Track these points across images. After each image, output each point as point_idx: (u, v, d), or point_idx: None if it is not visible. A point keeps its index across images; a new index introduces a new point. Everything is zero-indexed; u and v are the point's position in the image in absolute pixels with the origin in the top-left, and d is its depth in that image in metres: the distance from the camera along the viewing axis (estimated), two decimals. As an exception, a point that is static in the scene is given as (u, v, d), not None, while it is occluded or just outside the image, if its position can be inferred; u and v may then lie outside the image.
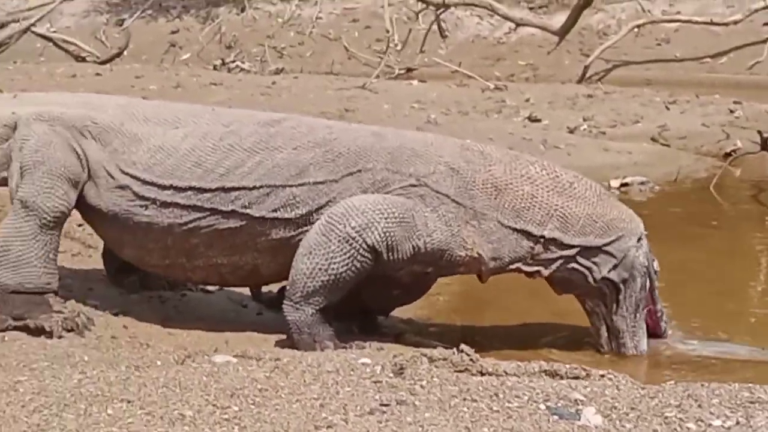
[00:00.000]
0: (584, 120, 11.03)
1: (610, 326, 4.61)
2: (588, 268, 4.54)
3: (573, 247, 4.51)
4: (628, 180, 8.36)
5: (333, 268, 4.20)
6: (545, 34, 16.70)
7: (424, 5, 15.79)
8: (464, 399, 2.96)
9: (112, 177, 4.56)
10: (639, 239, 4.59)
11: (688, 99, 12.17)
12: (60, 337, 4.20)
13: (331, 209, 4.29)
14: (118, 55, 16.58)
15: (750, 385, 3.13)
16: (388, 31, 14.25)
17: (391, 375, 3.25)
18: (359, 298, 4.63)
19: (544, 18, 17.53)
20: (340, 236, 4.20)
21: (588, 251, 4.53)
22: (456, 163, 4.47)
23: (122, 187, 4.54)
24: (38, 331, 4.22)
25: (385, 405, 2.91)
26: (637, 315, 4.60)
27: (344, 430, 2.71)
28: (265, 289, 5.05)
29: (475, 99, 12.35)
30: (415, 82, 13.95)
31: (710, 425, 2.83)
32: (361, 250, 4.21)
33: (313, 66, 16.74)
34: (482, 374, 3.38)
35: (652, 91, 12.90)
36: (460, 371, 3.40)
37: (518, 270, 4.57)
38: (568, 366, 3.45)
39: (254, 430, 2.73)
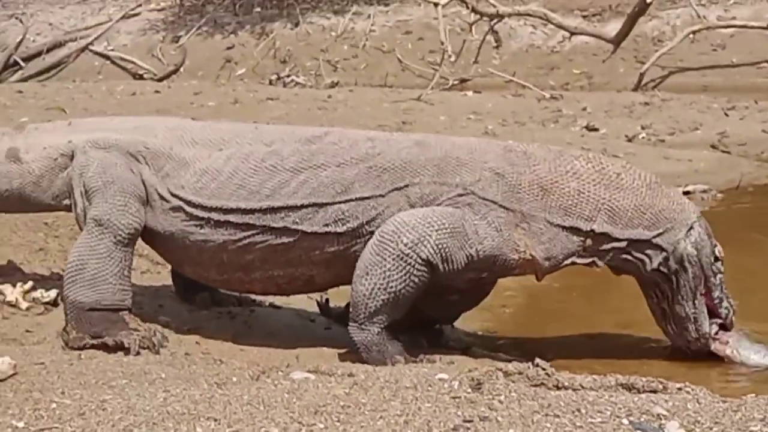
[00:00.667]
0: (642, 128, 10.99)
1: (669, 313, 4.61)
2: (640, 260, 4.54)
3: (623, 240, 4.50)
4: (690, 188, 8.31)
5: (392, 286, 4.23)
6: (599, 42, 16.66)
7: (478, 16, 15.79)
8: (546, 414, 2.96)
9: (165, 200, 4.63)
10: (689, 229, 4.52)
11: (747, 105, 12.07)
12: (137, 354, 4.26)
13: (382, 227, 4.31)
14: (175, 71, 16.76)
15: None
16: (442, 43, 14.28)
17: (469, 390, 3.26)
18: (421, 308, 4.64)
19: (597, 26, 17.48)
20: (394, 254, 4.22)
21: (638, 244, 4.51)
22: (500, 167, 4.47)
23: (175, 209, 4.60)
24: (116, 348, 4.29)
25: (469, 421, 2.92)
26: (696, 301, 4.57)
27: (431, 447, 2.74)
28: (332, 302, 5.09)
29: (532, 109, 12.35)
30: (470, 93, 13.98)
31: (796, 438, 2.80)
32: (416, 265, 4.23)
33: (367, 78, 16.81)
34: (558, 388, 3.39)
35: (709, 97, 12.81)
36: (537, 385, 3.41)
37: (573, 263, 4.57)
38: (644, 379, 3.44)
39: (341, 448, 2.76)
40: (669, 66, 15.73)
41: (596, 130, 10.94)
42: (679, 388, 3.34)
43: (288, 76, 16.19)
